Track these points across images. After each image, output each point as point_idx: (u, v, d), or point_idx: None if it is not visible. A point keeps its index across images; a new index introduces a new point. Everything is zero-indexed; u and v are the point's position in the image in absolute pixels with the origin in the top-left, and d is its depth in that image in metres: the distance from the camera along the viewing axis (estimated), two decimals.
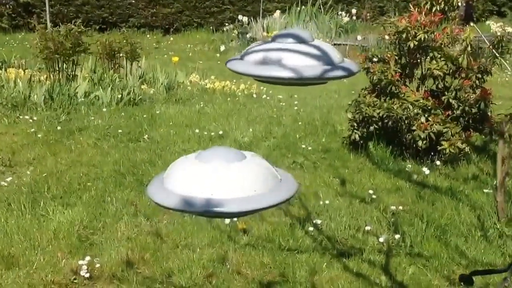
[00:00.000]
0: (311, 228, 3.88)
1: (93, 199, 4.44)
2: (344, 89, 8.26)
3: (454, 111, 5.07)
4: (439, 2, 5.09)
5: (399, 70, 5.14)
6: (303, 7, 11.92)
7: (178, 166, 1.25)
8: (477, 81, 5.05)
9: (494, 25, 4.79)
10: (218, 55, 11.19)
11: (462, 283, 2.42)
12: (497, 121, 5.09)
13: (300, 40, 1.28)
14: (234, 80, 8.53)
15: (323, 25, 11.40)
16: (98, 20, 12.81)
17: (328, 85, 8.64)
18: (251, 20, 11.99)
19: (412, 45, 4.98)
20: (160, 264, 3.60)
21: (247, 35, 11.46)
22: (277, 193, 1.22)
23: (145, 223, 4.09)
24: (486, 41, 9.14)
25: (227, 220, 4.00)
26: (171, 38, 12.76)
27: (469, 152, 5.05)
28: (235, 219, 4.03)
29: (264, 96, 7.60)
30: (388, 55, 5.27)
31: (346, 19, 11.92)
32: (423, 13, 5.09)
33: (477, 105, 5.03)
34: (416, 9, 5.11)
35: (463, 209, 4.24)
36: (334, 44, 10.71)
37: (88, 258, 3.58)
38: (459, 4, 5.20)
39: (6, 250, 3.69)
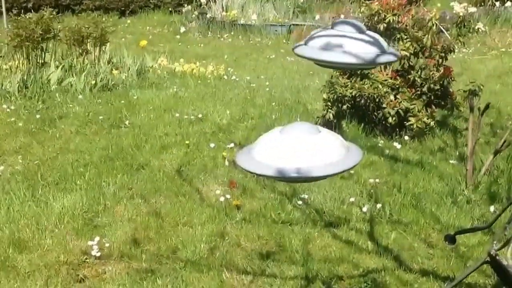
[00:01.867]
0: (299, 202, 4.31)
1: (88, 184, 4.73)
2: (303, 71, 8.67)
3: (419, 89, 5.55)
4: None
5: None
6: None
7: (266, 139, 1.56)
8: (440, 60, 5.54)
9: (458, 6, 5.24)
10: (178, 36, 11.44)
11: (446, 242, 2.89)
12: (458, 96, 5.61)
13: (358, 29, 1.58)
14: (198, 62, 8.85)
15: (280, 5, 11.77)
16: (50, 3, 12.83)
17: (288, 66, 9.05)
18: (209, 0, 12.27)
19: (382, 28, 5.43)
20: (164, 241, 3.96)
21: (207, 15, 11.74)
22: (349, 159, 1.55)
23: (143, 204, 4.43)
24: (442, 29, 9.68)
25: (222, 198, 4.38)
26: (128, 21, 12.90)
27: (434, 127, 5.55)
28: (228, 196, 4.42)
29: (234, 77, 7.96)
30: None
31: None
32: None
33: (440, 82, 5.52)
34: None
35: (433, 179, 4.74)
36: (292, 25, 11.10)
37: (97, 238, 3.92)
38: None
39: (15, 235, 3.98)
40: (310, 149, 1.40)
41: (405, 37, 5.48)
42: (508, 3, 11.88)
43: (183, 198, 4.50)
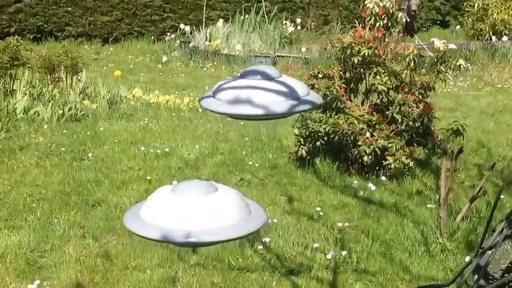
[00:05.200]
0: (260, 247, 4.11)
1: (39, 221, 4.55)
2: None
3: (398, 126, 5.40)
4: (382, 17, 5.43)
5: (343, 85, 5.44)
6: (247, 15, 12.19)
7: (156, 200, 1.44)
8: (420, 96, 5.40)
9: (438, 41, 5.13)
10: (160, 66, 11.32)
11: None
12: (440, 135, 5.45)
13: (267, 77, 1.49)
14: (177, 93, 8.71)
15: (267, 36, 11.69)
16: (32, 29, 12.74)
17: None
18: (193, 29, 12.18)
19: (356, 61, 5.30)
20: (110, 286, 3.76)
21: (190, 44, 11.64)
22: (249, 223, 1.42)
23: (94, 245, 4.24)
24: (426, 49, 9.61)
25: None
26: (111, 49, 12.80)
27: (413, 167, 5.38)
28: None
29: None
30: (334, 70, 5.57)
31: (290, 28, 12.24)
32: (367, 28, 5.42)
33: (420, 120, 5.37)
34: (361, 24, 5.43)
35: (407, 224, 4.55)
36: (278, 56, 11.01)
37: (37, 282, 3.72)
38: (403, 20, 5.55)
39: None
40: (203, 211, 1.31)
41: (382, 71, 5.35)
42: (505, 38, 11.82)
43: (137, 238, 4.30)
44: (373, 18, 5.48)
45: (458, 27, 13.64)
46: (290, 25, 12.37)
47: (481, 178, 5.57)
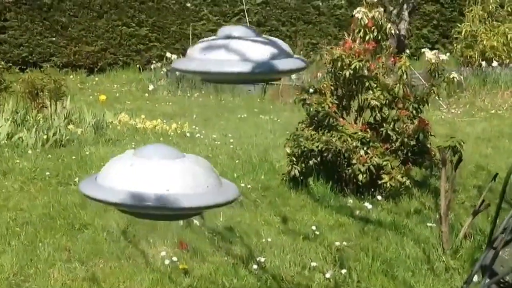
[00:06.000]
0: (255, 267, 3.94)
1: (23, 245, 4.37)
2: (279, 129, 8.42)
3: (393, 144, 5.27)
4: (372, 30, 5.33)
5: (335, 101, 5.30)
6: None
7: (115, 164, 1.27)
8: (414, 111, 5.28)
9: (429, 53, 5.04)
10: (146, 94, 11.21)
11: None
12: (437, 153, 5.33)
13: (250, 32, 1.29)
14: (164, 121, 8.56)
15: None
16: (17, 60, 12.64)
17: (261, 124, 8.81)
18: (179, 57, 12.12)
19: (347, 74, 5.16)
20: None
21: (177, 73, 11.55)
22: (224, 193, 1.28)
23: (80, 268, 4.05)
24: (420, 77, 9.57)
25: (167, 261, 4.01)
26: (96, 78, 12.69)
27: (410, 186, 5.24)
28: (174, 258, 4.05)
29: (198, 135, 7.67)
30: (324, 85, 5.42)
31: None
32: (357, 41, 5.32)
33: (415, 137, 5.25)
34: (350, 37, 5.33)
35: (407, 243, 4.39)
36: (268, 84, 10.92)
37: None
38: (392, 32, 5.45)
39: None
40: (174, 175, 1.18)
41: (375, 85, 5.23)
42: (495, 63, 11.83)
43: (126, 262, 4.12)
44: (362, 30, 5.36)
45: (447, 54, 13.67)
46: None
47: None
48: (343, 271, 3.86)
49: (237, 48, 1.22)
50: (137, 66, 12.95)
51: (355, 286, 3.78)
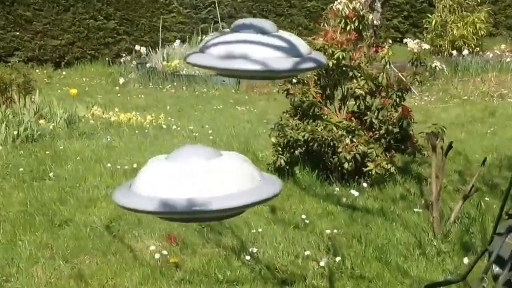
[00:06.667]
0: (248, 258, 3.87)
1: (1, 244, 4.23)
2: (256, 119, 8.37)
3: (377, 131, 5.24)
4: (353, 20, 5.30)
5: (319, 91, 5.27)
6: (204, 36, 12.02)
7: (149, 169, 1.21)
8: (397, 99, 5.26)
9: (411, 42, 5.01)
10: (117, 88, 11.02)
11: None
12: (420, 139, 5.32)
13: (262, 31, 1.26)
14: (138, 113, 8.41)
15: None
16: None
17: (238, 115, 8.74)
18: (149, 50, 11.94)
19: (331, 64, 5.11)
20: None
21: (147, 65, 11.39)
22: (262, 190, 1.21)
23: (65, 266, 3.93)
24: (393, 67, 9.60)
25: (157, 255, 3.91)
26: (64, 73, 12.44)
27: (395, 173, 5.22)
28: (164, 252, 3.96)
29: (174, 127, 7.55)
30: (308, 75, 5.38)
31: None
32: (338, 31, 5.28)
33: (399, 124, 5.23)
34: (331, 28, 5.29)
35: (397, 229, 4.37)
36: None
37: None
38: (374, 22, 5.43)
39: None
40: (207, 176, 1.11)
41: (359, 75, 5.20)
42: (465, 51, 11.96)
43: (112, 257, 4.02)
44: (343, 20, 5.33)
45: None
46: None
47: (463, 183, 5.47)
48: (338, 258, 3.82)
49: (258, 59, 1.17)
50: (106, 59, 12.73)
51: (349, 273, 3.73)
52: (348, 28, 5.48)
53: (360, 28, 5.51)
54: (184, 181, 1.13)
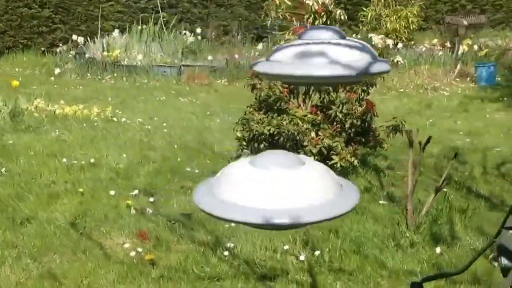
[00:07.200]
0: (225, 253, 3.84)
1: None
2: (199, 112, 8.31)
3: (341, 125, 5.29)
4: (322, 15, 5.34)
5: (285, 86, 5.27)
6: (145, 26, 11.83)
7: (235, 174, 1.17)
8: (362, 94, 5.33)
9: (376, 37, 5.10)
10: (52, 78, 10.71)
11: None
12: (382, 131, 5.41)
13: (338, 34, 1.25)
14: (78, 105, 8.20)
15: (167, 46, 11.38)
16: None
17: (182, 107, 8.65)
18: (87, 40, 11.65)
19: None
20: None
21: (85, 56, 11.10)
22: (344, 200, 1.20)
23: (34, 265, 3.79)
24: None
25: (133, 253, 3.84)
26: None
27: (357, 166, 5.30)
28: (139, 249, 3.88)
29: (123, 119, 7.41)
30: None
31: (191, 39, 12.00)
32: (307, 26, 5.30)
33: (363, 118, 5.30)
34: (299, 23, 5.32)
35: (367, 221, 4.43)
36: (183, 66, 10.75)
37: None
38: (342, 17, 5.48)
39: None
40: (295, 186, 1.09)
41: None
42: (400, 45, 12.23)
43: (83, 255, 3.91)
44: (312, 15, 5.36)
45: (354, 36, 13.96)
46: (190, 36, 12.14)
47: (420, 174, 5.59)
48: (317, 252, 3.84)
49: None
50: (41, 49, 12.35)
51: (328, 267, 3.76)
52: (316, 22, 5.53)
53: (328, 23, 5.56)
54: (283, 191, 1.11)
